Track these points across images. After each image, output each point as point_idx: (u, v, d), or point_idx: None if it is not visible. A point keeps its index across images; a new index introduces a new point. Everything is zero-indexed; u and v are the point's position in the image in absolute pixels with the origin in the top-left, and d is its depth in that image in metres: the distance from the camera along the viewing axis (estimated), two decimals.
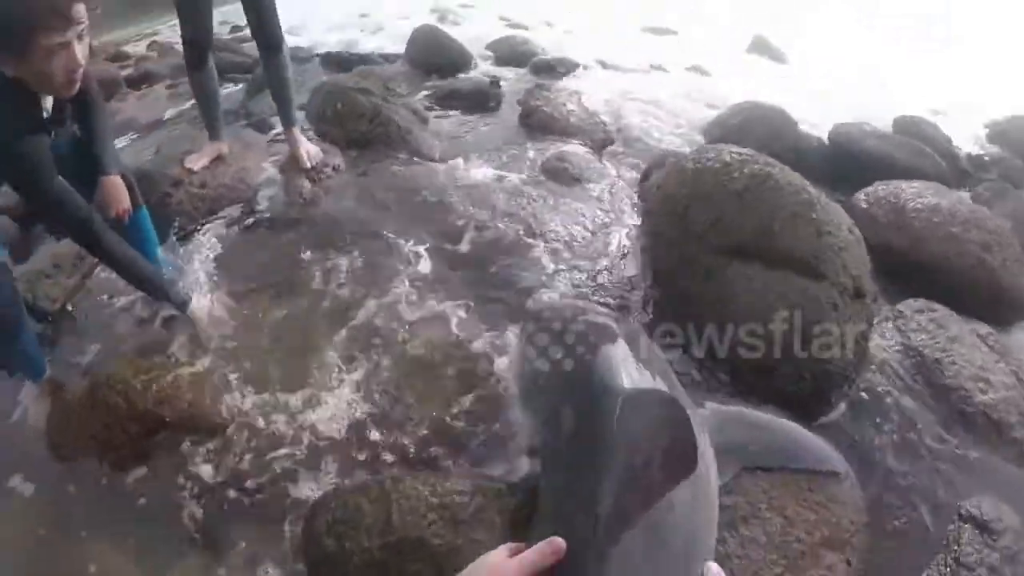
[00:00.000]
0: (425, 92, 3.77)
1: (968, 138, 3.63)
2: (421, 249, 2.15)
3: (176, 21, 2.32)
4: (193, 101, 2.87)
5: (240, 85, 3.89)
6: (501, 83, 3.75)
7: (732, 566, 1.21)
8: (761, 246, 1.62)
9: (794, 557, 1.22)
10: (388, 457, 1.44)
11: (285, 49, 2.44)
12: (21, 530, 1.58)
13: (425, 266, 2.09)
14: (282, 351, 1.80)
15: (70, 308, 2.15)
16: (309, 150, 2.62)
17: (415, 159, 2.82)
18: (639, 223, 2.27)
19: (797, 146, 2.87)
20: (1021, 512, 1.47)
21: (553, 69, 4.22)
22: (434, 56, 4.19)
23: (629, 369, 1.11)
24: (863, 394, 1.67)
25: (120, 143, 3.43)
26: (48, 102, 1.46)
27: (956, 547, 1.40)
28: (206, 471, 1.49)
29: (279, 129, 2.82)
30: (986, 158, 3.38)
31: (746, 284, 1.59)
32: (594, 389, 1.07)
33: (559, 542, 0.67)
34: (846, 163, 2.77)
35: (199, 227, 2.36)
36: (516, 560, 0.66)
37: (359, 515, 1.16)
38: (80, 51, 1.31)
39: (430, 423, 1.51)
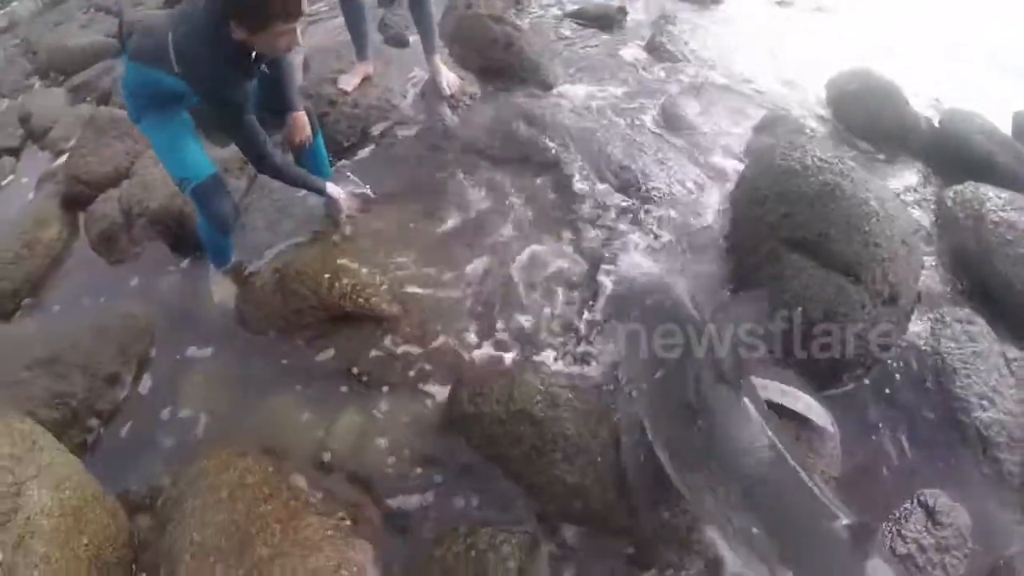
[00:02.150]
0: (550, 9, 4.19)
1: None
2: (536, 183, 2.79)
3: None
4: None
5: None
6: (628, 10, 4.09)
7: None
8: (817, 245, 2.17)
9: None
10: (510, 348, 2.22)
11: None
12: (214, 385, 2.25)
13: (546, 198, 2.73)
14: (431, 255, 2.50)
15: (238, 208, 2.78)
16: (449, 79, 3.19)
17: (539, 90, 3.36)
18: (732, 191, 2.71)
19: (904, 124, 3.18)
20: (973, 520, 1.87)
21: None
22: None
23: None
24: (877, 377, 2.17)
25: None
26: (253, 55, 1.93)
27: (903, 521, 1.83)
28: (373, 349, 2.24)
29: (416, 46, 3.35)
30: None
31: (797, 272, 2.16)
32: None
33: None
34: (949, 153, 3.05)
35: (354, 144, 3.07)
36: None
37: (490, 390, 1.98)
38: (300, 32, 1.84)
39: (542, 324, 2.27)
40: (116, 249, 2.97)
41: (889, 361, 2.22)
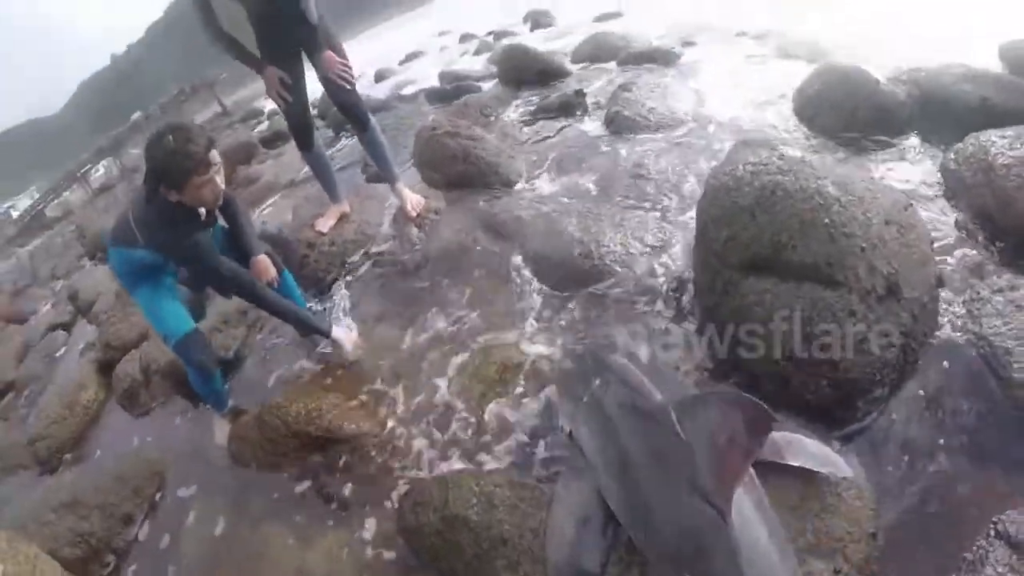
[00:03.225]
0: (517, 110, 4.42)
1: None
2: (492, 282, 2.76)
3: None
4: None
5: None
6: (586, 90, 4.23)
7: None
8: (772, 259, 1.84)
9: None
10: (456, 458, 2.08)
11: (373, 123, 3.11)
12: (211, 519, 2.35)
13: (505, 294, 2.68)
14: (393, 375, 2.50)
15: (238, 355, 3.10)
16: (413, 200, 3.34)
17: (502, 189, 3.45)
18: None
19: (882, 105, 2.89)
20: None
21: (641, 61, 4.59)
22: (524, 73, 4.88)
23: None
24: (907, 393, 1.75)
25: (266, 207, 4.61)
26: (202, 210, 2.16)
27: (980, 565, 1.35)
28: (335, 471, 2.24)
29: None
30: None
31: (758, 298, 1.83)
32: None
33: None
34: (941, 115, 2.71)
35: (334, 278, 3.22)
36: None
37: (429, 498, 1.77)
38: (220, 181, 2.05)
39: (493, 433, 2.10)
40: (138, 403, 3.26)
41: (919, 368, 1.80)
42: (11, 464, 3.46)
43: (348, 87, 2.92)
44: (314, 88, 3.09)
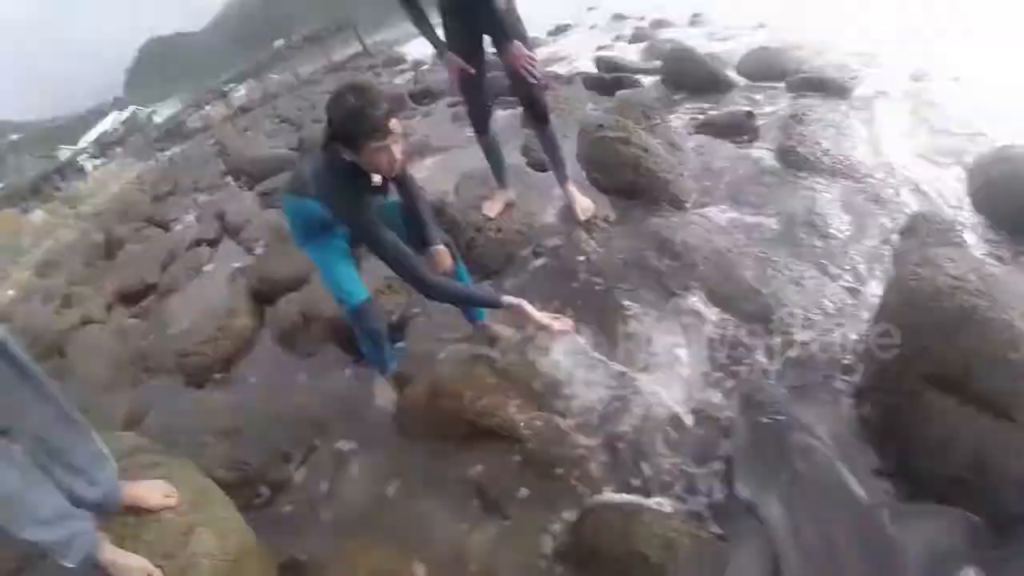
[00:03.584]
0: (680, 118, 4.39)
1: None
2: (666, 311, 2.77)
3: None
4: None
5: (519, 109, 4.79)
6: (756, 113, 4.15)
7: None
8: (957, 382, 1.95)
9: None
10: (631, 488, 2.16)
11: (552, 120, 3.16)
12: (371, 478, 2.44)
13: (680, 326, 2.67)
14: (567, 380, 2.50)
15: (402, 320, 3.25)
16: (583, 204, 3.38)
17: (671, 209, 3.45)
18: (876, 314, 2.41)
19: None
20: None
21: (812, 87, 4.44)
22: (687, 77, 4.84)
23: None
24: None
25: (423, 169, 4.67)
26: (376, 177, 2.15)
27: None
28: (507, 468, 2.29)
29: None
30: None
31: (940, 415, 1.96)
32: None
33: None
34: None
35: (498, 270, 3.35)
36: None
37: (611, 524, 2.00)
38: (396, 151, 2.00)
39: (668, 465, 2.20)
40: (295, 346, 3.49)
41: None
42: (156, 368, 3.78)
43: (533, 80, 2.93)
44: None
